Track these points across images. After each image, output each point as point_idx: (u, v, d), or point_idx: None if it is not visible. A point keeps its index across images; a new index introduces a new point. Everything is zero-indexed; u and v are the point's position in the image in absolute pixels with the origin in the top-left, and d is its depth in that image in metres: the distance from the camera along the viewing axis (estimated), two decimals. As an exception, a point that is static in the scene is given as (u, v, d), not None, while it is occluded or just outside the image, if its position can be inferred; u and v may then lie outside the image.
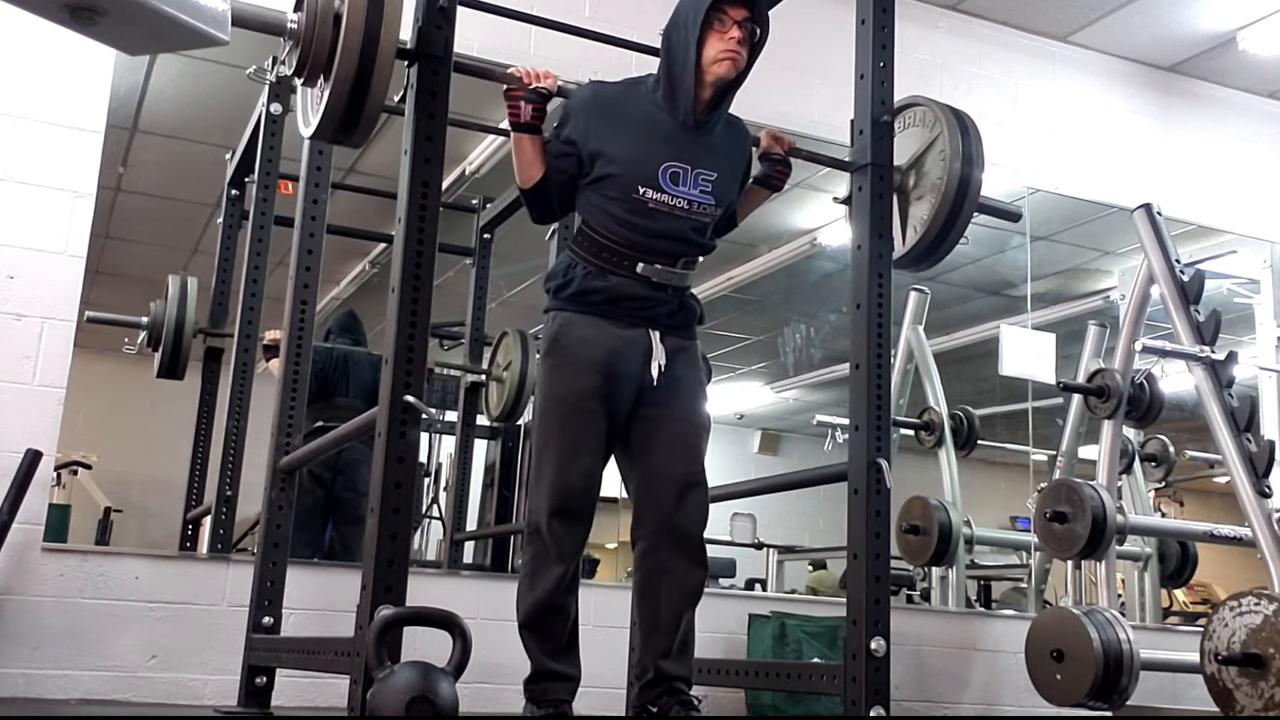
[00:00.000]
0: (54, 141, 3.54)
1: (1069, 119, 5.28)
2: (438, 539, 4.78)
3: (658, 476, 2.44)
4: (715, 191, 2.49)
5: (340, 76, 2.08)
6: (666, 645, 2.43)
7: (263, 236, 3.72)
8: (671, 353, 2.46)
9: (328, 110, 2.13)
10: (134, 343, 3.93)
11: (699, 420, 2.49)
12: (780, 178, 2.71)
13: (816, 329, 5.74)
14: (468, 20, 2.57)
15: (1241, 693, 3.19)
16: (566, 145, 2.48)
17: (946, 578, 4.78)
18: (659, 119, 2.47)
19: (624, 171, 2.43)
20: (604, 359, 2.41)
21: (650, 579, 2.45)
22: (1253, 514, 3.57)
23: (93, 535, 4.26)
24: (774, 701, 3.82)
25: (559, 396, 2.43)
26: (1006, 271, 5.39)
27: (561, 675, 2.41)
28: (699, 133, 2.48)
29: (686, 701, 2.42)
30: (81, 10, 1.83)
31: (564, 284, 2.46)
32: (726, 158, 2.55)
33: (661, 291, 2.46)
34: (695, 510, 2.44)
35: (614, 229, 2.43)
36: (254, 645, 2.89)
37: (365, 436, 2.34)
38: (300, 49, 2.14)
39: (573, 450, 2.39)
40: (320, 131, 2.19)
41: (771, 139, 2.71)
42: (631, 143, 2.45)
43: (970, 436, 5.07)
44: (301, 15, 2.14)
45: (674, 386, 2.45)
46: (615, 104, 2.50)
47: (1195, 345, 3.77)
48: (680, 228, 2.45)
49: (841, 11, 2.92)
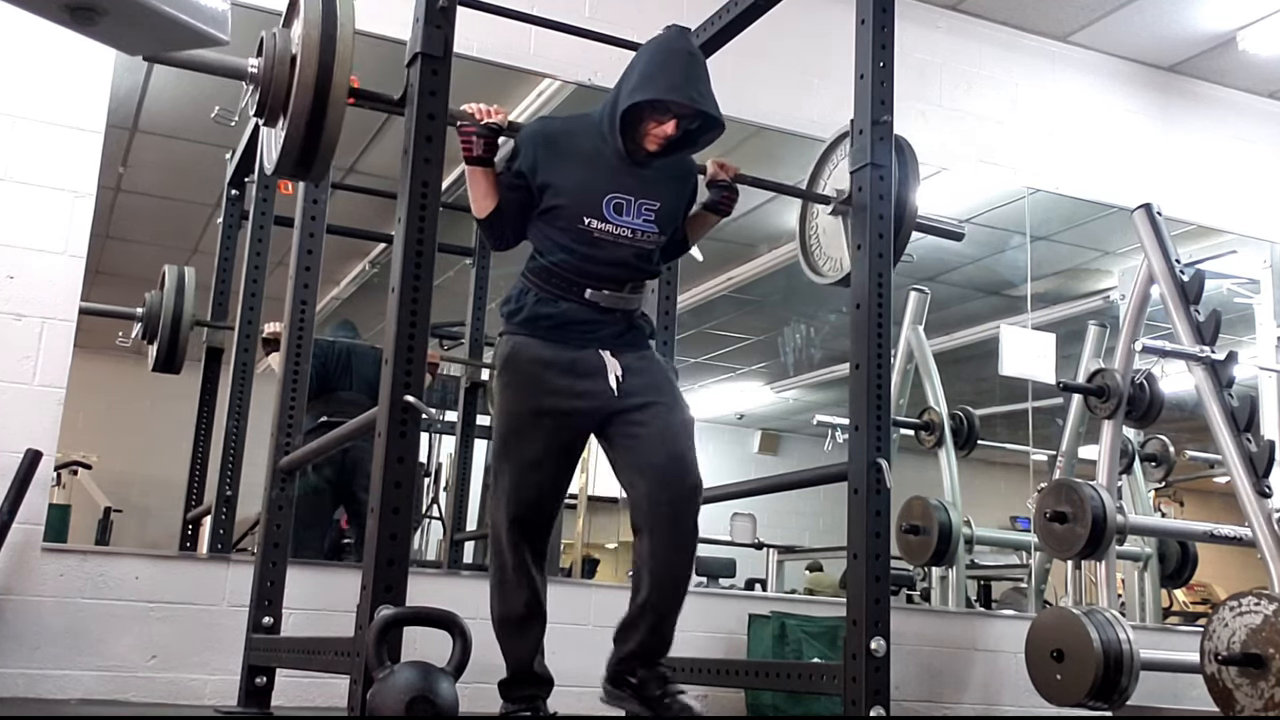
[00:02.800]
0: (54, 141, 3.54)
1: (1069, 119, 5.28)
2: (438, 539, 4.78)
3: (640, 467, 2.51)
4: (659, 220, 2.60)
5: (295, 115, 2.22)
6: (651, 625, 2.51)
7: (263, 236, 3.72)
8: (630, 365, 2.56)
9: (285, 147, 2.27)
10: (128, 336, 3.88)
11: (675, 412, 2.57)
12: (727, 203, 2.80)
13: (816, 329, 5.74)
14: (468, 20, 2.58)
15: (1241, 693, 3.19)
16: (517, 178, 2.58)
17: (946, 578, 4.78)
18: (603, 152, 2.57)
19: (570, 203, 2.54)
20: (554, 378, 2.51)
21: (641, 560, 2.51)
22: (1253, 514, 3.57)
23: (93, 535, 4.26)
24: (774, 701, 3.82)
25: (514, 413, 2.53)
26: (1006, 271, 5.39)
27: (540, 679, 2.52)
28: (642, 165, 2.59)
29: (665, 676, 2.52)
30: (81, 10, 1.82)
31: (517, 309, 2.58)
32: (669, 187, 2.66)
33: (610, 315, 2.57)
34: (679, 485, 2.50)
35: (562, 257, 2.54)
36: (254, 645, 2.89)
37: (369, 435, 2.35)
38: (260, 91, 2.29)
39: (527, 464, 2.50)
40: (280, 168, 2.33)
41: (718, 166, 2.79)
42: (577, 175, 2.55)
43: (970, 436, 5.06)
44: (261, 60, 2.28)
45: (639, 389, 2.54)
46: (562, 138, 2.60)
47: (1195, 345, 3.77)
48: (625, 255, 2.57)
49: (841, 11, 2.92)
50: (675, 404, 2.59)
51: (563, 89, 4.34)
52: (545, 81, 4.34)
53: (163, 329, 3.82)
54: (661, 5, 3.89)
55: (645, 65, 2.53)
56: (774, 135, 4.66)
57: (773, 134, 4.65)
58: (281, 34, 2.31)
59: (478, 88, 2.59)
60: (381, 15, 3.12)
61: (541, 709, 2.50)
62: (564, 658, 3.61)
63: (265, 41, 2.29)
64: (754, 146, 4.71)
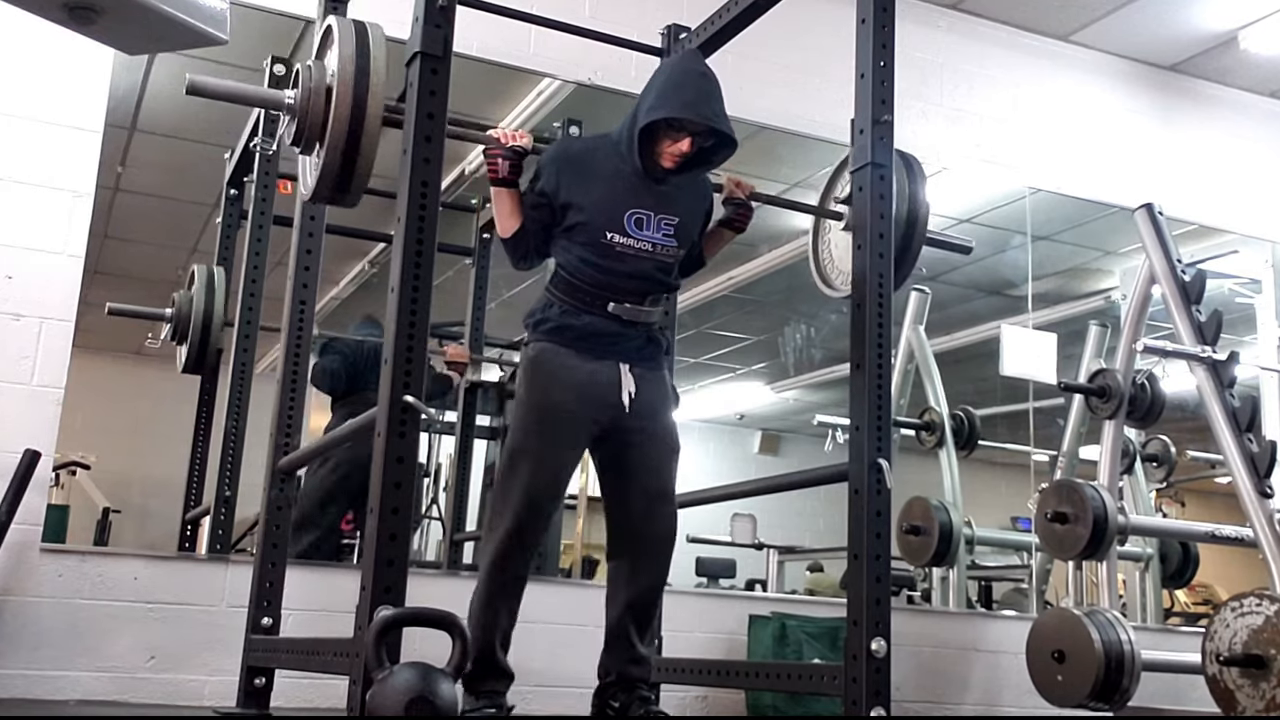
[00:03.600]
0: (53, 141, 3.54)
1: (1070, 118, 5.28)
2: (437, 539, 4.77)
3: (629, 492, 2.68)
4: (677, 234, 2.71)
5: (333, 144, 2.28)
6: (628, 652, 2.65)
7: (262, 236, 3.71)
8: (640, 382, 2.67)
9: (323, 175, 2.33)
10: (158, 337, 3.87)
11: (669, 442, 2.72)
12: (743, 220, 2.90)
13: (816, 329, 5.73)
14: (468, 20, 2.57)
15: (1243, 693, 3.18)
16: (540, 197, 2.69)
17: (947, 578, 4.77)
18: (623, 170, 2.67)
19: (593, 219, 2.64)
20: (577, 382, 2.62)
21: (616, 587, 2.68)
22: (1254, 514, 3.57)
23: (91, 536, 4.25)
24: (774, 702, 3.82)
25: (536, 405, 2.63)
26: (1007, 271, 5.38)
27: (507, 673, 2.59)
28: (660, 182, 2.69)
29: (645, 698, 2.64)
30: (80, 9, 1.82)
31: (542, 320, 2.68)
32: (687, 203, 2.76)
33: (631, 328, 2.67)
34: (663, 523, 2.68)
35: (586, 271, 2.65)
36: (253, 646, 2.88)
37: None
38: (297, 121, 2.34)
39: (545, 454, 2.60)
40: (318, 194, 2.39)
41: (734, 184, 2.88)
42: (599, 192, 2.65)
43: (971, 437, 5.06)
44: (297, 91, 2.34)
45: (645, 411, 2.67)
46: (583, 158, 2.72)
47: (1197, 345, 3.76)
48: (646, 268, 2.68)
49: (841, 11, 2.91)
50: (669, 430, 2.72)
51: (563, 89, 4.33)
52: (545, 81, 4.33)
53: (193, 330, 3.80)
54: (661, 5, 3.88)
55: (662, 85, 2.63)
56: (774, 135, 4.66)
57: (773, 133, 4.65)
58: (316, 66, 2.37)
59: (478, 88, 2.59)
60: (381, 15, 3.10)
61: (503, 704, 2.56)
62: (564, 658, 3.61)
63: (301, 74, 2.35)
64: (754, 146, 4.70)
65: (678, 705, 3.85)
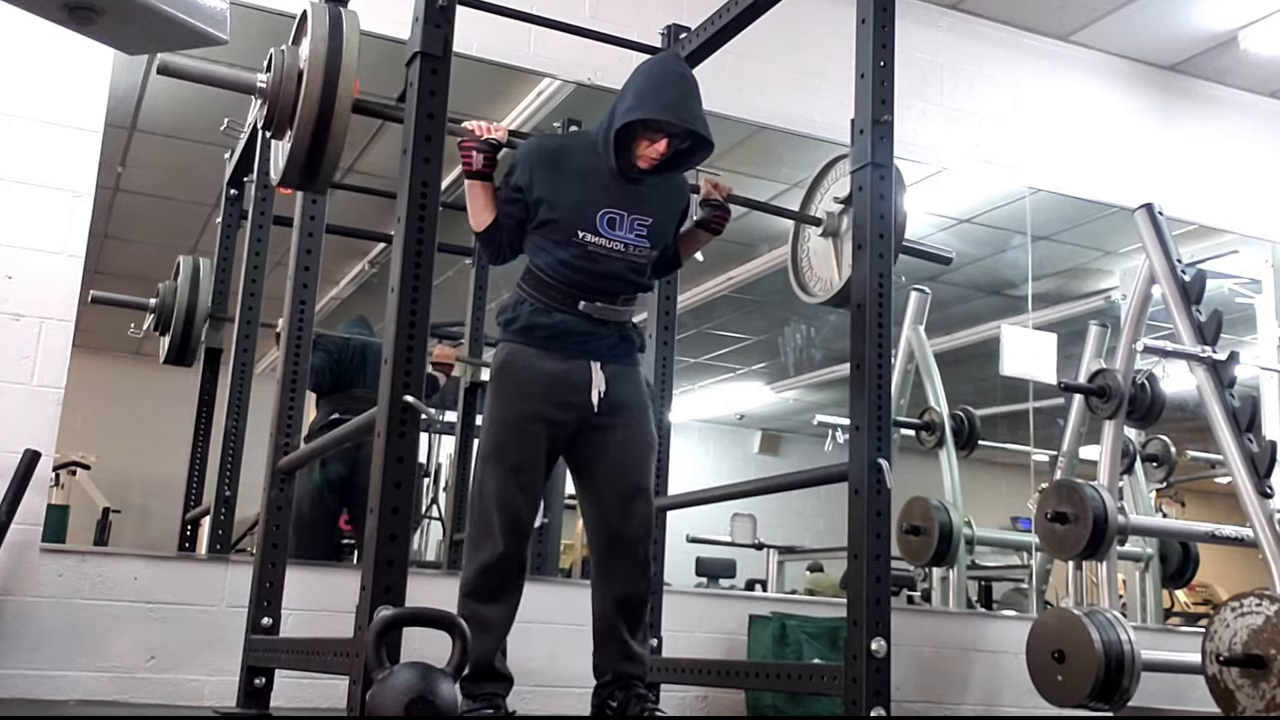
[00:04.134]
0: (52, 141, 3.54)
1: (1070, 118, 5.28)
2: (437, 539, 4.77)
3: (604, 491, 2.66)
4: (650, 235, 2.68)
5: (301, 127, 2.28)
6: (621, 649, 2.64)
7: (262, 236, 3.71)
8: (612, 379, 2.65)
9: (291, 157, 2.33)
10: (140, 327, 3.86)
11: (643, 438, 2.69)
12: (719, 222, 2.87)
13: (816, 329, 5.73)
14: (468, 20, 2.57)
15: (1243, 693, 3.18)
16: (514, 192, 2.67)
17: (947, 578, 4.77)
18: (598, 169, 2.64)
19: (565, 217, 2.62)
20: (546, 386, 2.60)
21: (600, 587, 2.67)
22: (1254, 514, 3.57)
23: (91, 536, 4.25)
24: (774, 702, 3.82)
25: (504, 419, 2.61)
26: (1007, 271, 5.38)
27: (501, 675, 2.58)
28: (635, 182, 2.67)
29: (643, 695, 2.63)
30: (80, 9, 1.82)
31: (512, 319, 2.65)
32: (661, 204, 2.73)
33: (602, 326, 2.64)
34: (639, 521, 2.66)
35: (557, 269, 2.62)
36: (253, 646, 2.88)
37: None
38: (268, 105, 2.35)
39: (515, 466, 2.58)
40: (286, 179, 2.39)
41: (711, 185, 2.87)
42: (573, 190, 2.63)
43: (971, 437, 5.06)
44: (270, 75, 2.35)
45: (617, 409, 2.65)
46: (558, 155, 2.69)
47: (1197, 345, 3.76)
48: (618, 268, 2.65)
49: (841, 11, 2.91)
50: (643, 425, 2.69)
51: (563, 89, 4.33)
52: (545, 81, 4.33)
53: (176, 320, 3.78)
54: (661, 5, 3.88)
55: (639, 86, 2.60)
56: (774, 135, 4.66)
57: (773, 133, 4.65)
58: (290, 51, 2.36)
59: (478, 88, 2.59)
60: (381, 15, 3.11)
61: (502, 707, 2.56)
62: (564, 659, 3.61)
63: (274, 58, 2.35)
64: (754, 146, 4.70)
65: (678, 705, 3.86)
